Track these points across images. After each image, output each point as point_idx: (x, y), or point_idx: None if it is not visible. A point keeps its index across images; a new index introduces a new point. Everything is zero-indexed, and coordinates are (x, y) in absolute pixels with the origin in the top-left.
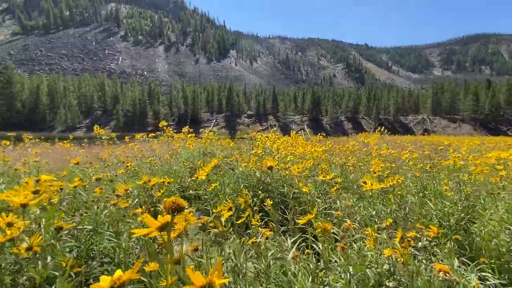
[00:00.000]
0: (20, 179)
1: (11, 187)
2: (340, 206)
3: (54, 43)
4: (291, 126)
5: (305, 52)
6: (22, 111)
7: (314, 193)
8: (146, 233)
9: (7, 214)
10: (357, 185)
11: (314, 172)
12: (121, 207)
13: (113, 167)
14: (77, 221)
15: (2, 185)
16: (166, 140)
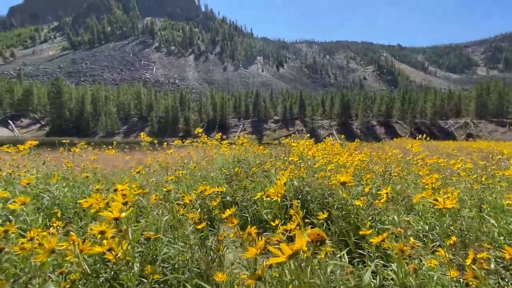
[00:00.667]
0: (86, 186)
1: (77, 193)
2: (398, 221)
3: (97, 56)
4: (318, 131)
5: (333, 55)
6: (69, 119)
7: (359, 205)
8: (280, 261)
9: (82, 217)
10: (403, 196)
11: (356, 182)
12: (179, 213)
13: (157, 173)
14: (143, 227)
15: (65, 188)
16: (201, 146)
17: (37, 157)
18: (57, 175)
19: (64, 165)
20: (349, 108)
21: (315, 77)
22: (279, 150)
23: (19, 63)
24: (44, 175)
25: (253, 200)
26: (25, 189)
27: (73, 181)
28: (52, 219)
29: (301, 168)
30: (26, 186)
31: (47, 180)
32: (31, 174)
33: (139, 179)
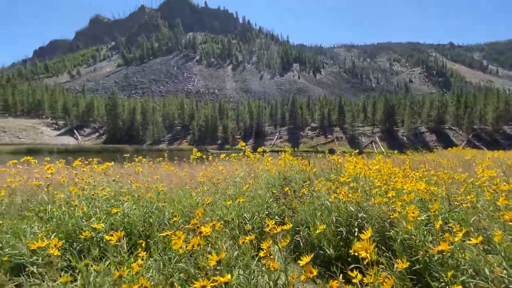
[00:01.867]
0: (152, 205)
1: (145, 212)
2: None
3: (146, 71)
4: (359, 138)
5: (374, 58)
6: (122, 128)
7: (427, 238)
8: None
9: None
10: (477, 227)
11: (418, 207)
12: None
13: (210, 191)
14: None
15: (134, 206)
16: (246, 160)
17: (108, 171)
18: (127, 193)
19: (130, 181)
20: (393, 113)
21: (355, 82)
22: (324, 165)
23: (83, 80)
24: (115, 191)
25: (306, 223)
26: (102, 205)
27: (140, 199)
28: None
29: (356, 192)
30: (104, 202)
31: (116, 196)
32: (106, 193)
33: (196, 197)
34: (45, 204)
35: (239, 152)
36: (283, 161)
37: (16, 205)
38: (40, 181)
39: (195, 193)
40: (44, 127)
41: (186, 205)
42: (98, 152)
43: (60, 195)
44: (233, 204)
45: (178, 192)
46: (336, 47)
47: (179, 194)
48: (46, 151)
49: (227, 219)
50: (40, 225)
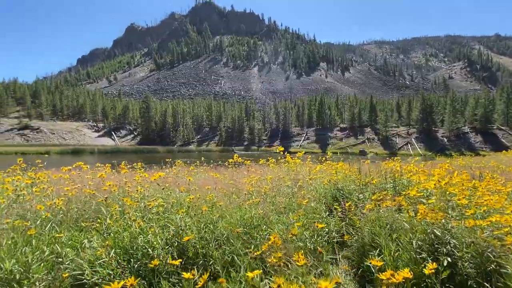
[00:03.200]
0: (208, 217)
1: (201, 227)
2: None
3: (176, 75)
4: (393, 140)
5: (408, 54)
6: (154, 130)
7: None
8: None
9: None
10: None
11: None
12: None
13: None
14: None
15: (187, 219)
16: (286, 166)
17: (153, 175)
18: (177, 204)
19: (179, 190)
20: (432, 112)
21: (387, 80)
22: (378, 173)
23: (120, 85)
24: (166, 202)
25: (376, 245)
26: (154, 216)
27: (193, 212)
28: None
29: (438, 211)
30: (156, 214)
31: (168, 207)
32: (157, 203)
33: (247, 210)
34: (101, 215)
35: (270, 154)
36: (333, 169)
37: (72, 214)
38: (93, 190)
39: (247, 205)
40: (86, 129)
41: (238, 218)
42: (133, 152)
43: (115, 206)
44: (287, 220)
45: (226, 202)
46: (366, 44)
47: (227, 204)
48: (88, 152)
49: (287, 237)
50: (99, 240)
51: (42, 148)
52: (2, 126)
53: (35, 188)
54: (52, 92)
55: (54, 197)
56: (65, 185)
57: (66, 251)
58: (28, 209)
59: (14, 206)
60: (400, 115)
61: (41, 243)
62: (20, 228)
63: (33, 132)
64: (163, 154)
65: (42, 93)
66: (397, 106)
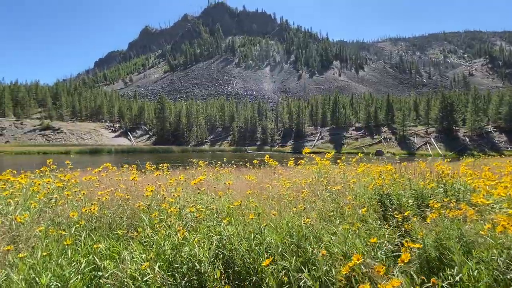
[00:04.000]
0: (254, 226)
1: (250, 239)
2: None
3: (189, 76)
4: (411, 139)
5: (425, 51)
6: (169, 130)
7: None
8: None
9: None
10: None
11: None
12: None
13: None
14: None
15: (229, 227)
16: (316, 168)
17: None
18: (221, 211)
19: (216, 195)
20: (452, 111)
21: (403, 78)
22: (417, 175)
23: (135, 86)
24: (206, 209)
25: (447, 260)
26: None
27: (238, 219)
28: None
29: None
30: (199, 221)
31: (207, 211)
32: (200, 210)
33: (293, 217)
34: (139, 223)
35: (283, 154)
36: (376, 173)
37: (106, 220)
38: (127, 193)
39: (292, 212)
40: (103, 130)
41: (284, 227)
42: (149, 152)
43: (155, 213)
44: (337, 229)
45: (267, 208)
46: (380, 41)
47: (269, 210)
48: (105, 151)
49: (340, 250)
50: (140, 251)
51: (63, 148)
52: (25, 126)
53: (67, 191)
54: (71, 93)
55: (86, 201)
56: (95, 187)
57: (105, 264)
58: (61, 214)
59: (46, 211)
60: (418, 114)
61: (77, 254)
62: (54, 237)
63: (54, 133)
64: (178, 154)
65: (62, 94)
66: (414, 105)
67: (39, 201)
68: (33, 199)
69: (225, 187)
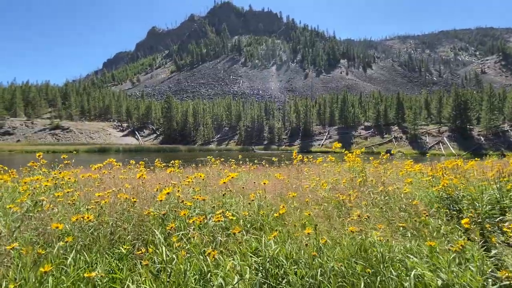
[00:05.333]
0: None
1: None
2: None
3: (195, 75)
4: (423, 138)
5: (435, 48)
6: (176, 129)
7: None
8: None
9: None
10: None
11: None
12: None
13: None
14: None
15: (271, 241)
16: (349, 166)
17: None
18: (258, 221)
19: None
20: (466, 109)
21: (412, 76)
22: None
23: (142, 86)
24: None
25: None
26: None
27: (280, 232)
28: None
29: None
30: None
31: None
32: (220, 217)
33: (344, 230)
34: (152, 238)
35: (290, 153)
36: (438, 170)
37: (105, 231)
38: (132, 195)
39: (348, 223)
40: (111, 129)
41: (348, 245)
42: (156, 151)
43: (171, 224)
44: (421, 248)
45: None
46: (389, 39)
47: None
48: (113, 150)
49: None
50: (151, 283)
51: (71, 147)
52: (36, 126)
53: (58, 192)
54: (80, 94)
55: (81, 205)
56: (95, 187)
57: None
58: (46, 222)
59: (30, 217)
60: (430, 112)
61: (61, 285)
62: (30, 256)
63: (63, 132)
64: (185, 153)
65: (71, 95)
66: (425, 103)
67: (22, 205)
68: (16, 200)
69: (253, 187)
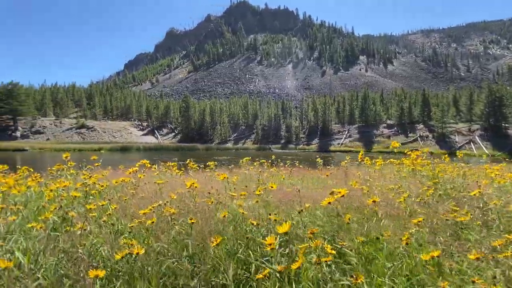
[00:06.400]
0: None
1: None
2: None
3: (212, 75)
4: (451, 138)
5: (462, 42)
6: (194, 128)
7: None
8: None
9: None
10: None
11: None
12: None
13: None
14: None
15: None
16: (410, 169)
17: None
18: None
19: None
20: (501, 106)
21: (437, 72)
22: None
23: (161, 86)
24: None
25: None
26: None
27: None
28: None
29: None
30: None
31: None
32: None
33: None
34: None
35: (309, 152)
36: None
37: (152, 260)
38: (180, 208)
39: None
40: (132, 128)
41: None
42: (175, 150)
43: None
44: None
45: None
46: (411, 33)
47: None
48: (134, 149)
49: None
50: None
51: (96, 146)
52: (64, 125)
53: (90, 204)
54: (104, 94)
55: (118, 221)
56: (130, 195)
57: None
58: (75, 244)
59: (57, 239)
60: (459, 110)
61: None
62: None
63: (88, 131)
64: (203, 151)
65: (95, 95)
66: (454, 100)
67: (47, 222)
68: (41, 216)
69: (315, 196)
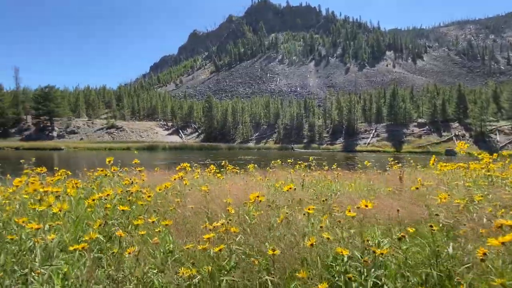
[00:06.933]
0: None
1: None
2: None
3: (233, 75)
4: (492, 137)
5: (501, 33)
6: (216, 127)
7: None
8: None
9: None
10: None
11: None
12: None
13: None
14: None
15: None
16: (466, 175)
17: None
18: None
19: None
20: None
21: (473, 66)
22: None
23: (185, 87)
24: None
25: None
26: None
27: None
28: None
29: None
30: None
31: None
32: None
33: None
34: None
35: (333, 153)
36: None
37: None
38: (244, 228)
39: None
40: (158, 128)
41: None
42: (198, 149)
43: None
44: None
45: None
46: (442, 26)
47: None
48: (160, 148)
49: None
50: None
51: (124, 145)
52: (95, 125)
53: (137, 217)
54: (131, 96)
55: (173, 243)
56: (178, 205)
57: None
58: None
59: (101, 259)
60: (500, 106)
61: None
62: None
63: (117, 131)
64: (225, 151)
65: (124, 97)
66: (494, 96)
67: (92, 243)
68: (87, 235)
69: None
